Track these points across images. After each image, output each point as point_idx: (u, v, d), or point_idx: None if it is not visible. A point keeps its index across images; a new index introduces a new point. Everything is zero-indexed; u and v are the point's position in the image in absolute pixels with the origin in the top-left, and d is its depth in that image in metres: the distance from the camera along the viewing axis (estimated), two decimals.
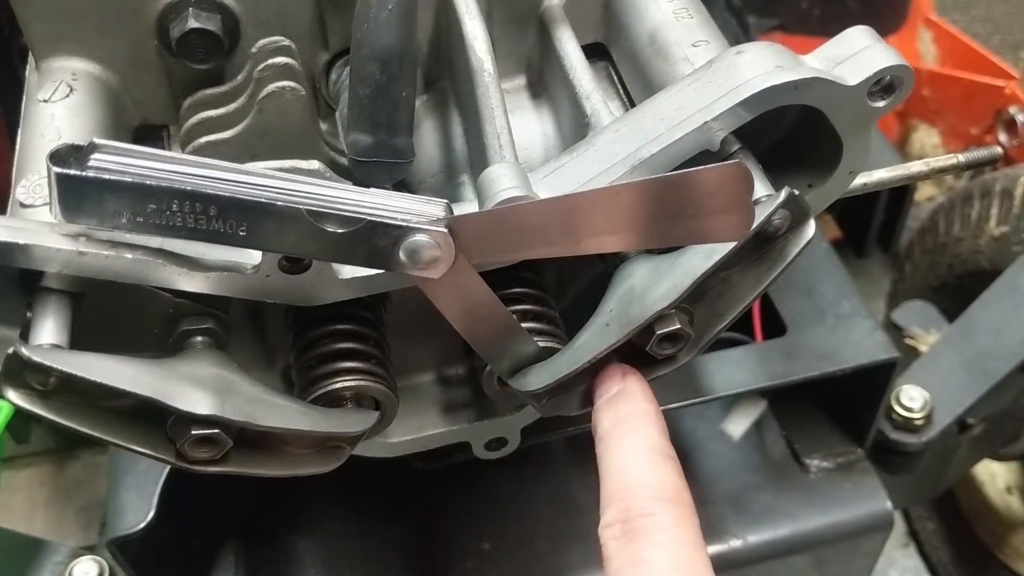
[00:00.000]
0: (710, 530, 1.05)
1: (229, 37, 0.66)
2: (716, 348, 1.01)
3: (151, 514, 0.89)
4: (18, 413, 0.99)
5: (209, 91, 0.68)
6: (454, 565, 1.03)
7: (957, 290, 1.52)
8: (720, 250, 0.58)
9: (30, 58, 0.69)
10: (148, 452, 0.57)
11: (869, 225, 1.17)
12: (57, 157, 0.52)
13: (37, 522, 1.76)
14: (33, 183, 0.60)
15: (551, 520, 1.07)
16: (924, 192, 1.90)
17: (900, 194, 1.15)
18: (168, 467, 0.92)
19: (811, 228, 0.60)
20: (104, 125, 0.65)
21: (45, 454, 1.83)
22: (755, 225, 0.56)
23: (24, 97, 0.68)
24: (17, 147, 0.64)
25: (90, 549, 1.02)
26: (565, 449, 1.14)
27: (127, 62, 0.68)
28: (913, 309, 1.48)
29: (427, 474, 1.01)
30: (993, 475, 1.64)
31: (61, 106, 0.65)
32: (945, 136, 1.92)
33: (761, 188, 0.60)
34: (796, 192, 0.58)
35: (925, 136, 1.93)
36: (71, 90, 0.66)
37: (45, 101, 0.65)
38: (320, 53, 0.71)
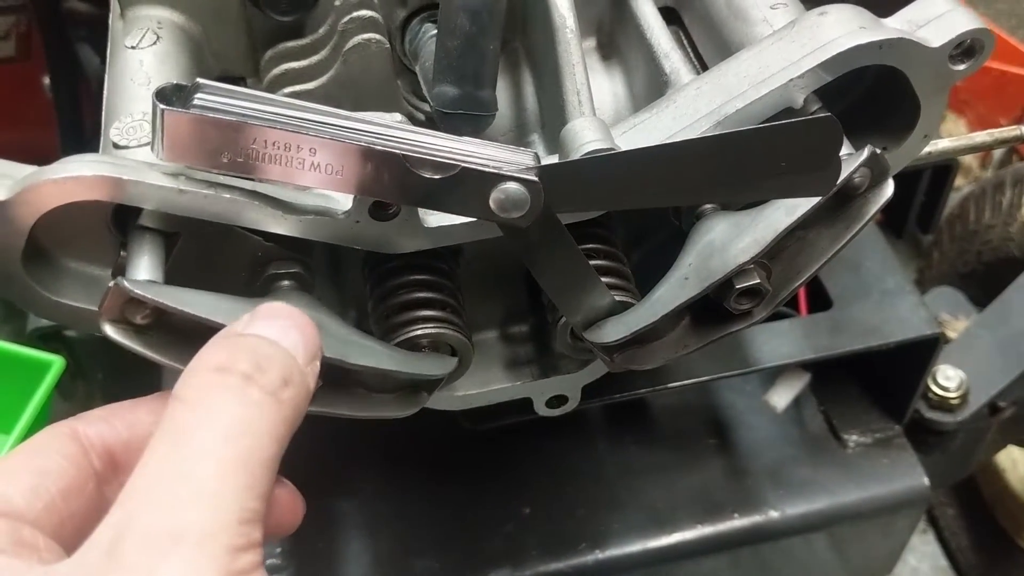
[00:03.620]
0: (748, 501, 1.07)
1: None
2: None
3: None
4: (66, 370, 1.01)
5: (291, 43, 0.69)
6: (494, 528, 1.05)
7: (986, 277, 1.53)
8: (802, 206, 0.59)
9: (113, 5, 0.70)
10: None
11: (909, 206, 1.18)
12: (162, 95, 0.53)
13: None
14: (126, 125, 0.60)
15: (589, 488, 1.09)
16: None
17: (941, 175, 1.16)
18: None
19: (890, 188, 0.61)
20: (189, 73, 0.66)
21: None
22: (839, 180, 0.57)
23: (109, 44, 0.69)
24: (105, 91, 0.65)
25: None
26: (603, 421, 1.15)
27: (210, 12, 0.69)
28: (942, 295, 1.49)
29: (469, 439, 1.02)
30: (1015, 462, 1.65)
31: (149, 52, 0.66)
32: (973, 126, 1.93)
33: (842, 147, 0.61)
34: (878, 150, 0.59)
35: (952, 126, 1.94)
36: (157, 38, 0.67)
37: (132, 48, 0.66)
38: (398, 9, 0.72)
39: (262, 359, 0.48)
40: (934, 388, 1.13)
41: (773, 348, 1.01)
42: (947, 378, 1.14)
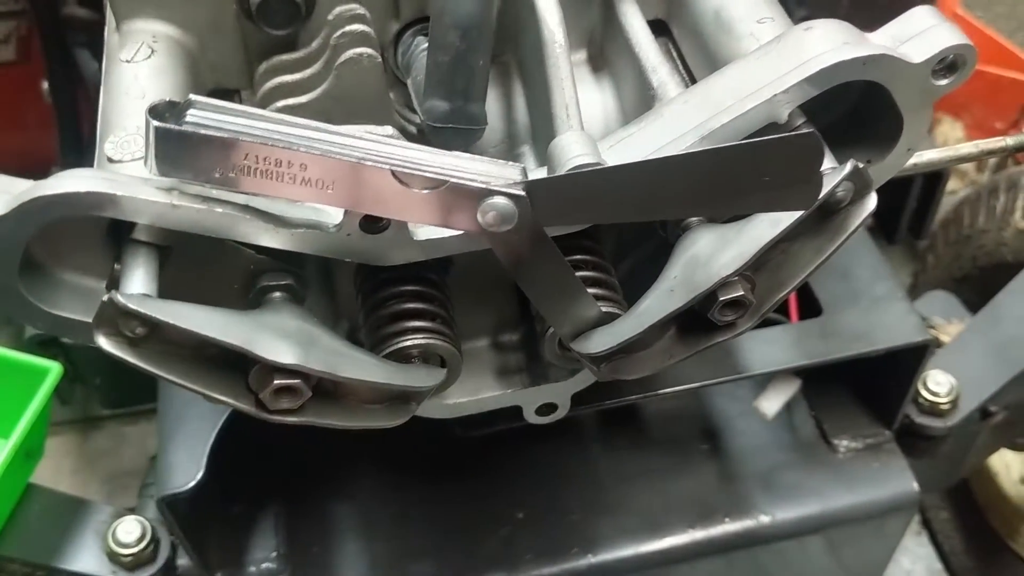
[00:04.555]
0: (740, 506, 1.08)
1: (306, 3, 0.68)
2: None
3: (200, 474, 0.91)
4: (64, 375, 1.02)
5: (284, 56, 0.70)
6: (489, 532, 1.06)
7: (980, 282, 1.54)
8: (786, 219, 0.60)
9: (108, 18, 0.71)
10: (229, 401, 0.59)
11: (901, 212, 1.19)
12: (156, 112, 0.54)
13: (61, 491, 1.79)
14: (121, 139, 0.61)
15: (582, 492, 1.10)
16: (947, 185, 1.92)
17: (933, 181, 1.17)
18: (217, 429, 0.94)
19: (873, 201, 0.62)
20: (184, 86, 0.67)
21: (70, 423, 1.85)
22: (822, 194, 0.58)
23: (104, 57, 0.70)
24: (100, 105, 0.66)
25: (131, 510, 1.04)
26: (596, 425, 1.16)
27: (206, 26, 0.70)
28: (936, 299, 1.50)
29: (464, 443, 1.03)
30: (1008, 465, 1.66)
31: (144, 66, 0.67)
32: (969, 129, 1.94)
33: (826, 161, 0.62)
34: (860, 165, 0.60)
35: (949, 129, 1.95)
36: (152, 51, 0.68)
37: (128, 61, 0.67)
38: (391, 22, 0.73)
39: None
40: (924, 393, 1.14)
41: (764, 354, 1.02)
42: (937, 383, 1.15)
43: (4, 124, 1.55)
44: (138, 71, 0.66)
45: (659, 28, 0.78)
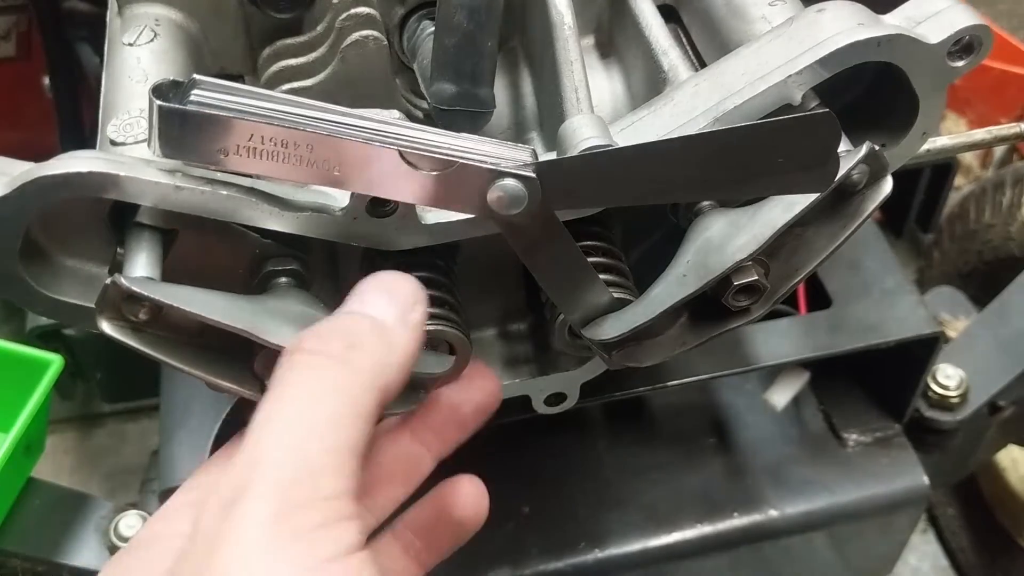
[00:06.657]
0: (748, 501, 1.07)
1: None
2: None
3: None
4: (65, 369, 1.01)
5: (288, 41, 0.69)
6: (495, 527, 1.03)
7: (986, 277, 1.53)
8: (800, 203, 0.59)
9: (111, 3, 0.70)
10: (233, 387, 0.58)
11: (909, 205, 1.18)
12: (159, 91, 0.53)
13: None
14: (123, 122, 0.60)
15: (589, 488, 1.09)
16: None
17: (941, 174, 1.16)
18: (220, 421, 0.93)
19: (888, 184, 0.61)
20: (187, 70, 0.66)
21: (70, 421, 1.84)
22: (838, 177, 0.57)
23: (107, 42, 0.69)
24: (103, 88, 0.65)
25: (133, 505, 1.03)
26: (602, 420, 1.15)
27: (208, 10, 0.69)
28: (942, 295, 1.49)
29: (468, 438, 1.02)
30: (1015, 462, 1.65)
31: (146, 50, 0.66)
32: (973, 125, 1.93)
33: (841, 144, 0.61)
34: (876, 147, 0.59)
35: (953, 125, 1.94)
36: (155, 35, 0.67)
37: (130, 45, 0.66)
38: (396, 7, 0.72)
39: (326, 331, 0.52)
40: (934, 387, 1.13)
41: (772, 346, 1.01)
42: (947, 377, 1.14)
43: (4, 121, 1.54)
44: (140, 54, 0.65)
45: (668, 15, 0.77)
